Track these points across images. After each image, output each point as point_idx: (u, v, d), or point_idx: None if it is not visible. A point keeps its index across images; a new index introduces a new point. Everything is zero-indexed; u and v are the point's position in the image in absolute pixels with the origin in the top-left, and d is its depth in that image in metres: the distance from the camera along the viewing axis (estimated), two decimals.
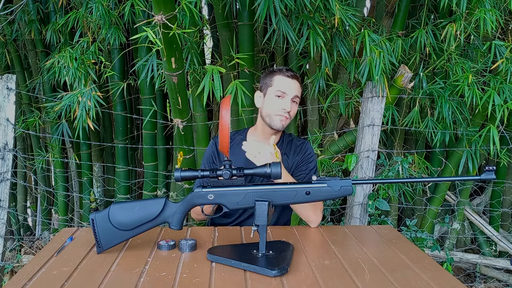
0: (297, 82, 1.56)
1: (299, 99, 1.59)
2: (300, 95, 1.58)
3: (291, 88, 1.53)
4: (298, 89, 1.56)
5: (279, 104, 1.52)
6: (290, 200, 1.18)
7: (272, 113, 1.54)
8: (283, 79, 1.54)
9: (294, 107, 1.56)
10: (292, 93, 1.53)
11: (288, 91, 1.53)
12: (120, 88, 2.63)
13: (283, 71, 1.55)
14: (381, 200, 2.31)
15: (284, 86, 1.53)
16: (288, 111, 1.52)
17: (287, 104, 1.52)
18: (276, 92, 1.53)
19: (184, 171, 1.21)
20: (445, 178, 1.42)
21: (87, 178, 3.10)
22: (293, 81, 1.54)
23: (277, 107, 1.52)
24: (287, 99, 1.52)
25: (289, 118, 1.55)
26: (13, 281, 1.01)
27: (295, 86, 1.54)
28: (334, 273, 1.06)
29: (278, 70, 1.57)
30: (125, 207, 1.20)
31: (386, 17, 2.61)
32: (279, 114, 1.53)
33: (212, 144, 1.68)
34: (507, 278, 2.89)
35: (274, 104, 1.53)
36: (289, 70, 1.56)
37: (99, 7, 2.22)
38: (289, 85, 1.53)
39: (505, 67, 2.22)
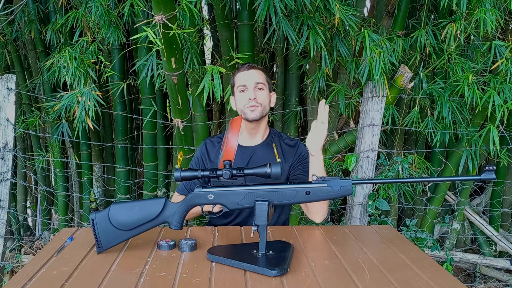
0: (256, 70, 1.60)
1: (267, 85, 1.61)
2: (264, 81, 1.60)
3: (249, 78, 1.58)
4: (258, 76, 1.59)
5: (243, 97, 1.58)
6: (290, 200, 1.18)
7: (243, 108, 1.59)
8: (240, 75, 1.60)
9: (261, 94, 1.58)
10: (252, 81, 1.57)
11: (247, 82, 1.58)
12: (120, 88, 2.63)
13: (241, 67, 1.62)
14: (381, 200, 2.31)
15: (242, 79, 1.59)
16: (253, 98, 1.56)
17: (250, 94, 1.57)
18: (238, 89, 1.60)
19: (184, 171, 1.21)
20: (445, 178, 1.42)
21: (87, 178, 3.10)
22: (250, 71, 1.59)
23: (243, 100, 1.58)
24: (250, 90, 1.57)
25: (259, 105, 1.57)
26: (13, 281, 1.01)
27: (254, 75, 1.59)
28: (334, 273, 1.06)
29: (237, 70, 1.64)
30: (125, 207, 1.20)
31: (386, 17, 2.61)
32: (247, 106, 1.57)
33: (203, 145, 1.71)
34: (507, 278, 2.89)
35: (241, 99, 1.60)
36: (247, 64, 1.62)
37: (98, 6, 2.22)
38: (246, 77, 1.59)
39: (505, 67, 2.22)
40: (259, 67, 1.63)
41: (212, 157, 1.65)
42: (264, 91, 1.59)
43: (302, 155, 1.63)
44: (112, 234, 1.18)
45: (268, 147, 1.62)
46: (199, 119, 2.39)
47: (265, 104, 1.59)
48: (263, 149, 1.62)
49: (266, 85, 1.60)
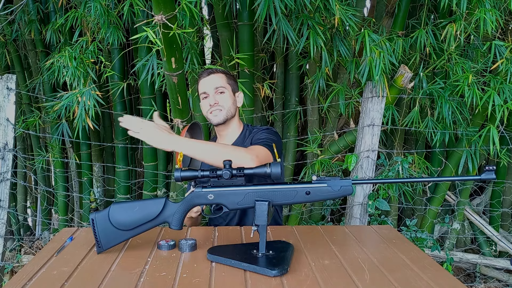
0: (215, 75, 1.62)
1: (229, 87, 1.62)
2: (225, 83, 1.62)
3: (209, 84, 1.60)
4: (217, 81, 1.61)
5: (205, 103, 1.62)
6: (290, 200, 1.18)
7: (206, 114, 1.63)
8: (201, 82, 1.63)
9: (222, 97, 1.60)
10: (212, 87, 1.60)
11: (207, 89, 1.60)
12: (120, 88, 2.63)
13: (201, 74, 1.65)
14: (381, 200, 2.31)
15: (203, 86, 1.62)
16: (214, 103, 1.58)
17: (211, 100, 1.59)
18: (201, 96, 1.64)
19: (184, 171, 1.21)
20: (445, 178, 1.42)
21: (87, 178, 3.10)
22: (209, 77, 1.61)
23: (206, 106, 1.62)
24: (210, 96, 1.60)
25: (221, 109, 1.59)
26: (13, 281, 1.01)
27: (213, 80, 1.61)
28: (334, 273, 1.06)
29: (199, 76, 1.66)
30: (125, 207, 1.20)
31: (386, 17, 2.61)
32: (210, 112, 1.60)
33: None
34: (507, 278, 2.89)
35: (203, 105, 1.63)
36: (207, 70, 1.64)
37: (97, 6, 2.22)
38: (206, 83, 1.61)
39: (505, 67, 2.22)
40: (219, 70, 1.65)
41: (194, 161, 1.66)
42: (225, 94, 1.61)
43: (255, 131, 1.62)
44: (112, 234, 1.18)
45: (242, 141, 1.64)
46: (199, 119, 2.39)
47: (228, 106, 1.61)
48: (239, 144, 1.63)
49: (228, 87, 1.62)
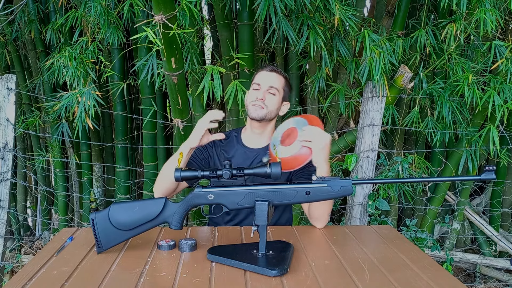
0: (275, 74, 1.60)
1: (280, 92, 1.60)
2: (280, 87, 1.60)
3: (266, 80, 1.58)
4: (274, 81, 1.59)
5: (253, 94, 1.59)
6: (290, 200, 1.18)
7: (248, 103, 1.60)
8: (260, 73, 1.61)
9: (270, 98, 1.58)
10: (266, 84, 1.58)
11: (262, 83, 1.58)
12: (120, 88, 2.63)
13: (264, 66, 1.63)
14: (381, 200, 2.31)
15: (259, 78, 1.60)
16: (260, 98, 1.56)
17: (259, 93, 1.57)
18: (253, 86, 1.61)
19: (184, 171, 1.21)
20: (445, 178, 1.42)
21: (87, 178, 3.10)
22: (270, 73, 1.59)
23: (252, 97, 1.59)
24: (261, 90, 1.58)
25: (264, 107, 1.56)
26: (13, 281, 1.01)
27: (271, 78, 1.59)
28: (334, 273, 1.06)
29: (261, 67, 1.64)
30: (125, 207, 1.20)
31: (386, 17, 2.61)
32: (252, 104, 1.57)
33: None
34: (507, 278, 2.89)
35: (250, 95, 1.60)
36: (270, 65, 1.63)
37: (97, 6, 2.22)
38: (264, 77, 1.59)
39: (505, 67, 2.22)
40: (282, 72, 1.62)
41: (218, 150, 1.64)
42: (275, 96, 1.58)
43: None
44: (112, 234, 1.18)
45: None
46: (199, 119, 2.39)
47: (272, 108, 1.57)
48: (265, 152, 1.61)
49: (280, 92, 1.60)
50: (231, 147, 1.64)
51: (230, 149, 1.63)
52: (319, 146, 1.34)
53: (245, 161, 1.59)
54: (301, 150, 1.36)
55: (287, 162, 1.36)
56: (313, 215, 1.46)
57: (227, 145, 1.64)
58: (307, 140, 1.33)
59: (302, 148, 1.35)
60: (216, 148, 1.65)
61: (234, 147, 1.63)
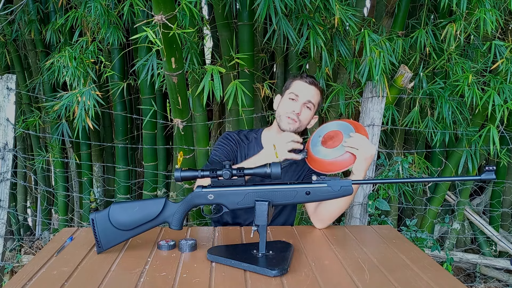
0: (315, 89, 1.57)
1: (315, 107, 1.59)
2: (316, 102, 1.58)
3: (305, 93, 1.55)
4: (312, 95, 1.56)
5: (290, 105, 1.56)
6: (290, 200, 1.18)
7: (282, 114, 1.57)
8: (300, 83, 1.57)
9: (306, 112, 1.56)
10: (305, 97, 1.55)
11: (301, 95, 1.55)
12: (120, 88, 2.63)
13: (303, 76, 1.59)
14: (381, 200, 2.31)
15: (298, 89, 1.56)
16: (297, 113, 1.53)
17: (297, 106, 1.54)
18: (290, 95, 1.57)
19: (184, 171, 1.21)
20: (445, 178, 1.42)
21: (87, 178, 3.10)
22: (310, 87, 1.56)
23: (287, 108, 1.55)
24: (298, 102, 1.55)
25: (298, 121, 1.55)
26: (13, 281, 1.01)
27: (311, 92, 1.56)
28: (334, 273, 1.06)
29: (300, 76, 1.60)
30: (125, 207, 1.20)
31: (386, 17, 2.61)
32: (287, 116, 1.55)
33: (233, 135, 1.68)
34: (507, 278, 2.89)
35: (286, 105, 1.57)
36: (310, 77, 1.59)
37: (97, 6, 2.22)
38: (303, 90, 1.56)
39: (505, 67, 2.22)
40: (319, 86, 1.60)
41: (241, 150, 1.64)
42: (310, 111, 1.57)
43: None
44: (112, 234, 1.18)
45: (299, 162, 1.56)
46: (199, 119, 2.39)
47: (304, 123, 1.58)
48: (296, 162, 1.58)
49: (315, 106, 1.59)
50: (251, 148, 1.64)
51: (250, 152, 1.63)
52: (365, 156, 1.32)
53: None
54: (345, 156, 1.34)
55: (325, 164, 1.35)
56: (320, 216, 1.45)
57: (249, 147, 1.65)
58: (354, 147, 1.32)
59: (346, 153, 1.34)
60: (240, 150, 1.65)
61: (254, 150, 1.63)
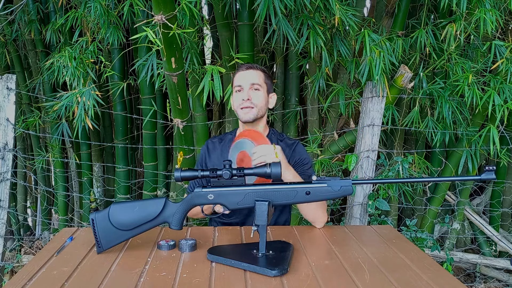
0: (254, 71, 1.57)
1: (265, 86, 1.58)
2: (262, 82, 1.58)
3: (246, 79, 1.56)
4: (254, 77, 1.56)
5: (238, 97, 1.57)
6: (290, 200, 1.18)
7: (236, 108, 1.59)
8: (238, 75, 1.59)
9: (256, 94, 1.56)
10: (248, 82, 1.56)
11: (243, 83, 1.56)
12: (120, 88, 2.63)
13: (239, 67, 1.61)
14: (381, 200, 2.31)
15: (239, 79, 1.58)
16: (247, 99, 1.54)
17: (244, 95, 1.55)
18: (235, 89, 1.59)
19: (184, 171, 1.21)
20: (445, 178, 1.42)
21: (87, 178, 3.10)
22: (248, 72, 1.57)
23: (238, 100, 1.57)
24: (244, 91, 1.56)
25: (253, 107, 1.55)
26: (13, 281, 1.01)
27: (251, 75, 1.57)
28: (334, 273, 1.06)
29: (237, 69, 1.62)
30: (125, 207, 1.20)
31: (386, 17, 2.61)
32: (241, 107, 1.56)
33: (204, 146, 1.71)
34: (507, 278, 2.89)
35: (236, 99, 1.59)
36: (246, 64, 1.60)
37: (97, 6, 2.22)
38: (243, 77, 1.57)
39: (505, 67, 2.22)
40: (258, 67, 1.60)
41: (213, 157, 1.65)
42: (260, 91, 1.56)
43: (299, 158, 1.60)
44: (112, 234, 1.18)
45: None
46: (199, 119, 2.39)
47: (261, 105, 1.56)
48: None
49: (264, 86, 1.58)
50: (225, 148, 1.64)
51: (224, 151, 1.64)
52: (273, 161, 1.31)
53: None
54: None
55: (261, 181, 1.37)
56: (308, 218, 1.46)
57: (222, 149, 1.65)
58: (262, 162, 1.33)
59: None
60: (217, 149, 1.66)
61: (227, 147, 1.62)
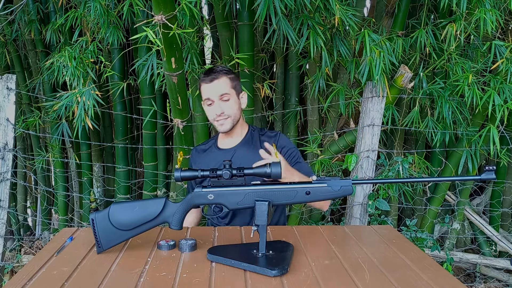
0: (219, 80, 1.54)
1: (233, 92, 1.56)
2: (229, 89, 1.55)
3: (213, 91, 1.54)
4: (221, 87, 1.53)
5: (211, 111, 1.56)
6: (290, 200, 1.18)
7: (212, 120, 1.59)
8: (205, 87, 1.56)
9: (227, 105, 1.54)
10: (216, 94, 1.54)
11: (211, 95, 1.54)
12: (120, 88, 2.63)
13: (203, 78, 1.56)
14: (381, 200, 2.31)
15: (206, 92, 1.55)
16: (220, 113, 1.54)
17: (216, 109, 1.54)
18: (205, 102, 1.58)
19: (184, 171, 1.21)
20: (445, 178, 1.42)
21: (87, 178, 3.10)
22: (213, 83, 1.53)
23: (211, 115, 1.57)
24: (215, 104, 1.54)
25: (228, 117, 1.55)
26: (13, 281, 1.01)
27: (216, 87, 1.53)
28: (334, 273, 1.06)
29: (201, 79, 1.57)
30: (125, 207, 1.20)
31: (386, 17, 2.61)
32: (215, 120, 1.56)
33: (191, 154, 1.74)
34: (507, 278, 2.89)
35: (209, 112, 1.58)
36: (208, 73, 1.55)
37: (97, 6, 2.22)
38: (210, 90, 1.54)
39: (505, 67, 2.22)
40: (222, 72, 1.55)
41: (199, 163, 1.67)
42: (230, 100, 1.55)
43: (285, 149, 1.60)
44: (112, 234, 1.18)
45: (247, 144, 1.62)
46: (199, 119, 2.39)
47: (234, 113, 1.56)
48: (243, 147, 1.62)
49: (232, 92, 1.56)
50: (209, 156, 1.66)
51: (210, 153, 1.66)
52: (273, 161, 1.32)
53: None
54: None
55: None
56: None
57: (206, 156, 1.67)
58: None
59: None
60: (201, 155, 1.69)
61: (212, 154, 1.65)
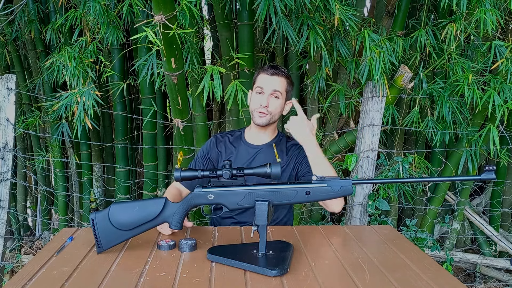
0: (278, 78, 1.58)
1: (284, 94, 1.60)
2: (283, 90, 1.59)
3: (269, 84, 1.57)
4: (278, 84, 1.58)
5: (257, 100, 1.58)
6: (290, 200, 1.18)
7: (253, 110, 1.60)
8: (263, 77, 1.59)
9: (274, 102, 1.58)
10: (270, 88, 1.57)
11: (266, 87, 1.57)
12: (120, 88, 2.63)
13: (265, 69, 1.61)
14: (381, 200, 2.31)
15: (262, 82, 1.58)
16: (265, 105, 1.56)
17: (263, 100, 1.56)
18: (256, 89, 1.60)
19: (184, 171, 1.21)
20: (445, 178, 1.42)
21: (87, 178, 3.10)
22: (273, 77, 1.58)
23: (256, 103, 1.59)
24: (265, 95, 1.57)
25: (268, 113, 1.57)
26: (13, 281, 1.01)
27: (275, 82, 1.58)
28: (334, 273, 1.06)
29: (263, 69, 1.62)
30: (125, 207, 1.20)
31: (386, 17, 2.61)
32: (257, 110, 1.58)
33: (213, 138, 1.72)
34: (507, 278, 2.89)
35: (254, 100, 1.60)
36: (272, 68, 1.60)
37: (97, 6, 2.22)
38: (267, 81, 1.58)
39: (505, 67, 2.22)
40: (284, 73, 1.61)
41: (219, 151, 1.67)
42: (279, 100, 1.59)
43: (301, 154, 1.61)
44: (112, 234, 1.18)
45: (271, 148, 1.63)
46: (199, 119, 2.39)
47: (275, 112, 1.59)
48: (268, 149, 1.63)
49: (284, 94, 1.60)
50: (236, 142, 1.68)
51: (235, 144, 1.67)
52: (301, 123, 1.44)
53: (247, 157, 1.62)
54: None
55: None
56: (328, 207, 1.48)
57: (234, 141, 1.68)
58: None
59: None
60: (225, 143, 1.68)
61: (238, 143, 1.67)
